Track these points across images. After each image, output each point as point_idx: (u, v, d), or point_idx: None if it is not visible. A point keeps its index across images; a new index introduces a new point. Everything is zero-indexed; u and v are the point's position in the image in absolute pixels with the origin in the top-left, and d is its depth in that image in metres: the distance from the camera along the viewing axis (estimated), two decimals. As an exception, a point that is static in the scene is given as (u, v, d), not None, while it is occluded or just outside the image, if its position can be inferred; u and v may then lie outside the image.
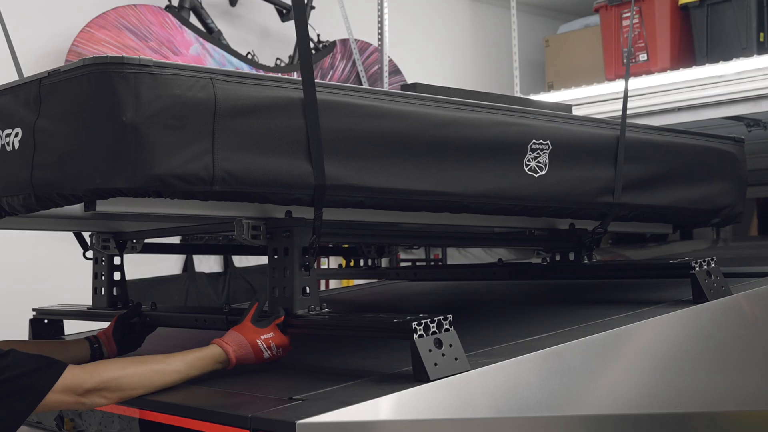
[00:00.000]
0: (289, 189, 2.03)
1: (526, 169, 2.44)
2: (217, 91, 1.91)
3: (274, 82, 2.03)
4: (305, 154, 2.03)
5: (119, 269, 2.95)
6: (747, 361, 2.71)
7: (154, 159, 1.83)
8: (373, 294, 4.00)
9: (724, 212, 3.11)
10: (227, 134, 1.92)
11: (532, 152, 2.45)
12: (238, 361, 2.11)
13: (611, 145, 2.71)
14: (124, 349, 2.58)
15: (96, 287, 2.97)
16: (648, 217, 2.93)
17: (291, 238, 2.19)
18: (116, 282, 2.95)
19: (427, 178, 2.24)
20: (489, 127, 2.37)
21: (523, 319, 2.78)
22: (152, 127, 1.83)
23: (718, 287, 2.63)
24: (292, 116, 2.01)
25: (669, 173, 2.89)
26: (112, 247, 2.87)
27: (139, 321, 2.63)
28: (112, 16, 5.18)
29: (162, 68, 1.87)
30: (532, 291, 3.58)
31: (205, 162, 1.89)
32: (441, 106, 2.31)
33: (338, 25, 6.38)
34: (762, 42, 5.38)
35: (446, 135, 2.28)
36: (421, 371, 1.87)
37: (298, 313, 2.19)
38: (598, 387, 2.25)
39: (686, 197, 2.95)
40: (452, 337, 1.94)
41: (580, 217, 2.75)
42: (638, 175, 2.78)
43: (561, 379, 2.14)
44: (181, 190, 1.88)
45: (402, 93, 2.31)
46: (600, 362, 2.28)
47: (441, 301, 3.62)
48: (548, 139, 2.48)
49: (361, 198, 2.15)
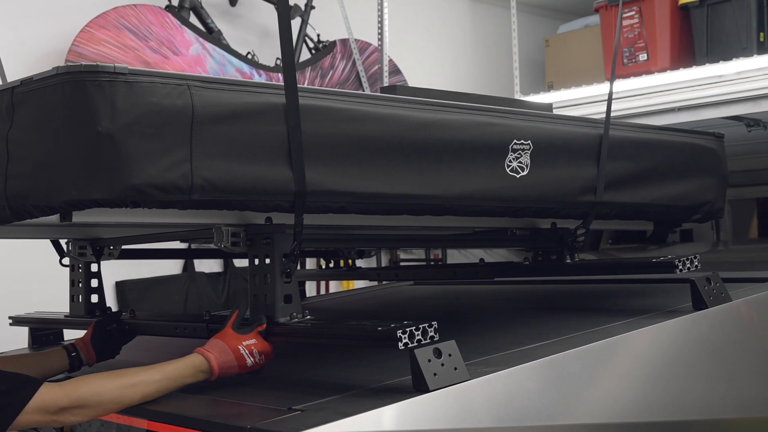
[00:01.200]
0: (269, 196, 2.01)
1: (508, 170, 2.43)
2: (195, 98, 1.88)
3: (253, 87, 2.01)
4: (285, 160, 2.01)
5: (97, 276, 2.89)
6: (747, 367, 2.71)
7: (130, 169, 1.80)
8: (372, 298, 3.99)
9: (705, 208, 3.09)
10: (205, 142, 1.89)
11: (514, 153, 2.43)
12: (220, 369, 2.05)
13: (593, 144, 2.68)
14: (102, 356, 2.54)
15: (73, 295, 2.90)
16: (630, 215, 2.91)
17: (271, 245, 2.16)
18: (94, 289, 2.88)
19: (408, 182, 2.22)
20: (469, 129, 2.35)
21: (522, 325, 2.77)
22: (128, 136, 1.80)
23: (718, 293, 2.62)
24: (271, 122, 1.99)
25: (650, 170, 2.87)
26: (88, 254, 2.79)
27: (117, 328, 2.59)
28: (112, 16, 5.18)
29: (137, 76, 1.83)
30: (531, 297, 3.57)
31: (183, 171, 1.86)
32: (421, 108, 2.29)
33: (338, 25, 6.38)
34: (762, 42, 5.38)
35: (427, 137, 2.26)
36: (421, 381, 1.86)
37: (280, 320, 2.14)
38: (598, 395, 2.24)
39: (667, 194, 2.92)
40: (451, 347, 1.92)
41: (562, 216, 2.74)
42: (620, 174, 2.76)
43: (561, 388, 2.13)
44: (159, 199, 1.86)
45: (381, 96, 2.29)
46: (599, 370, 2.27)
47: (440, 306, 3.61)
48: (529, 139, 2.46)
49: (342, 203, 2.13)
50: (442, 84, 7.01)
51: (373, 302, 3.89)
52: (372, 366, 2.24)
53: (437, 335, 1.89)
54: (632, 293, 3.17)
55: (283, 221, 2.15)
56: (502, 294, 3.67)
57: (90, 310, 2.85)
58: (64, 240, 2.90)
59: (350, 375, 2.21)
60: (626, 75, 5.73)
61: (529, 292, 3.63)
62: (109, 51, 5.10)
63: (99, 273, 2.88)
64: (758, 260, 4.27)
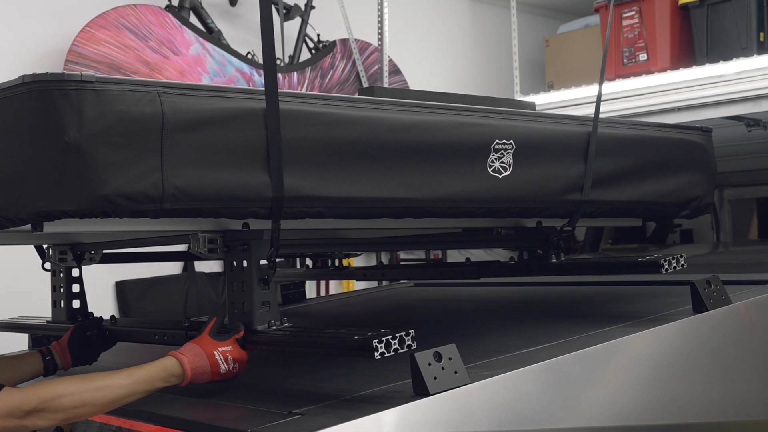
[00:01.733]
0: (244, 203, 1.97)
1: (490, 170, 2.39)
2: (165, 105, 1.84)
3: (226, 93, 1.97)
4: (261, 166, 1.97)
5: (78, 281, 2.83)
6: (747, 370, 2.70)
7: (99, 179, 1.77)
8: (372, 300, 3.98)
9: (693, 204, 3.03)
10: (177, 149, 1.85)
11: (496, 153, 2.39)
12: (193, 374, 2.00)
13: (577, 142, 2.64)
14: (78, 360, 2.50)
15: (55, 300, 2.86)
16: (617, 213, 2.88)
17: (248, 252, 2.12)
18: (75, 294, 2.83)
19: (387, 185, 2.19)
20: (450, 130, 2.32)
21: (522, 328, 2.77)
22: (97, 145, 1.77)
23: (718, 296, 2.62)
24: (246, 127, 1.96)
25: (637, 167, 2.83)
26: (69, 259, 2.75)
27: (97, 333, 2.55)
28: (112, 16, 5.18)
29: (105, 84, 1.80)
30: (531, 299, 3.56)
31: (153, 179, 1.82)
32: (400, 110, 2.25)
33: (338, 25, 6.38)
34: (762, 42, 5.38)
35: (406, 139, 2.23)
36: (421, 385, 1.85)
37: (258, 328, 2.11)
38: (598, 399, 2.24)
39: (655, 190, 2.88)
40: (451, 351, 1.92)
41: (547, 216, 2.71)
42: (606, 171, 2.72)
43: (561, 391, 2.13)
44: (130, 209, 1.82)
45: (359, 98, 2.26)
46: (600, 374, 2.27)
47: (440, 309, 3.60)
48: (511, 138, 2.42)
49: (319, 208, 2.10)
50: (442, 84, 7.01)
51: (372, 305, 3.88)
52: (372, 369, 2.23)
53: (414, 343, 1.86)
54: (632, 295, 3.17)
55: (260, 227, 2.11)
56: (503, 296, 3.67)
57: (72, 315, 2.79)
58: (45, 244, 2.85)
59: (350, 378, 2.20)
60: (626, 75, 5.73)
61: (529, 295, 3.62)
62: (109, 51, 5.10)
63: (80, 278, 2.83)
64: (758, 262, 4.27)
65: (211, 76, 5.56)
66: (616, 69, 6.00)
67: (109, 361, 2.57)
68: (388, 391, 1.97)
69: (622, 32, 5.95)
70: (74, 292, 2.82)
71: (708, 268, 2.73)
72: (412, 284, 4.52)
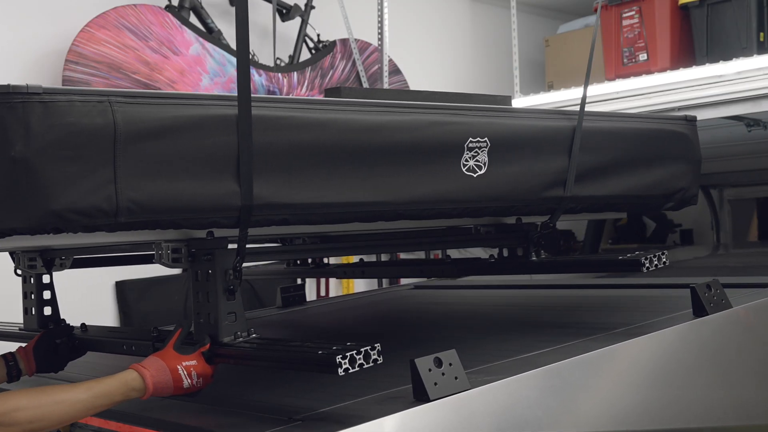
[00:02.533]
0: (206, 213, 1.91)
1: (464, 170, 2.32)
2: (117, 115, 1.77)
3: (183, 100, 1.90)
4: (225, 174, 1.91)
5: (49, 288, 2.74)
6: (748, 374, 2.69)
7: (49, 195, 1.70)
8: (371, 305, 3.97)
9: (678, 195, 2.96)
10: (131, 161, 1.79)
11: (470, 151, 2.32)
12: (155, 388, 1.93)
13: (557, 137, 2.57)
14: (44, 368, 2.45)
15: (26, 307, 2.76)
16: (599, 208, 2.83)
17: (212, 261, 2.05)
18: (46, 301, 2.73)
19: (356, 189, 2.12)
20: (421, 129, 2.25)
21: (522, 332, 2.75)
22: (45, 160, 1.70)
23: (718, 300, 2.61)
24: (209, 135, 1.88)
25: (619, 160, 2.75)
26: (39, 266, 2.65)
27: (67, 342, 2.50)
28: (112, 16, 5.18)
29: (53, 95, 1.72)
30: (531, 302, 3.55)
31: (107, 193, 1.76)
32: (367, 111, 2.18)
33: (338, 25, 6.38)
34: (762, 42, 5.38)
35: (375, 141, 2.16)
36: (421, 391, 1.84)
37: (224, 340, 2.04)
38: (599, 403, 2.23)
39: (638, 183, 2.80)
40: (452, 356, 1.90)
41: (526, 213, 2.65)
42: (588, 166, 2.64)
43: (561, 396, 2.12)
44: (82, 224, 1.76)
45: (324, 100, 2.19)
46: (600, 378, 2.26)
47: (440, 312, 3.60)
48: (486, 136, 2.35)
49: (284, 215, 2.04)
50: (442, 84, 7.02)
51: (371, 308, 3.86)
52: (371, 373, 2.21)
53: (380, 357, 1.80)
54: (632, 299, 3.16)
55: (225, 235, 2.05)
56: (502, 300, 3.67)
57: (43, 322, 2.71)
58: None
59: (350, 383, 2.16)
60: (626, 75, 5.73)
61: (528, 298, 3.62)
62: (109, 51, 5.10)
63: (51, 284, 2.75)
64: (758, 265, 4.27)
65: (211, 76, 5.56)
66: (616, 69, 6.01)
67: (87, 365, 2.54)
68: (388, 397, 1.96)
69: (622, 32, 5.96)
70: (45, 298, 2.73)
71: (708, 270, 2.72)
72: (411, 287, 4.52)
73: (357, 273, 3.66)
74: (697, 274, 4.10)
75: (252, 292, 5.82)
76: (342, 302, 4.19)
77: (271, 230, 2.15)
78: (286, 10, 6.17)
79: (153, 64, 5.28)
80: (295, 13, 6.20)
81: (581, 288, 3.64)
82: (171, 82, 5.36)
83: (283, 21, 6.18)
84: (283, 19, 6.18)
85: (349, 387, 2.12)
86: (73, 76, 4.96)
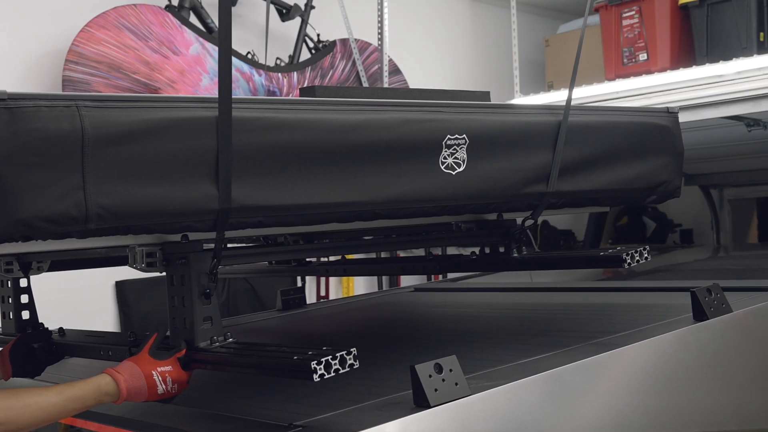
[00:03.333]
0: (182, 217, 1.87)
1: (443, 167, 2.28)
2: (85, 120, 1.73)
3: (156, 102, 1.86)
4: (200, 177, 1.87)
5: (27, 291, 2.68)
6: (749, 379, 2.68)
7: (15, 203, 1.67)
8: (370, 308, 3.94)
9: (660, 189, 2.92)
10: (100, 166, 1.74)
11: (448, 149, 2.29)
12: (129, 393, 1.90)
13: (538, 132, 2.53)
14: (20, 372, 2.42)
15: (4, 312, 2.70)
16: (580, 203, 2.79)
17: (187, 265, 2.01)
18: (24, 305, 2.67)
19: (331, 189, 2.08)
20: (397, 127, 2.20)
21: (522, 336, 2.74)
22: (10, 167, 1.66)
23: (719, 304, 2.60)
24: (181, 138, 1.85)
25: (600, 154, 2.71)
26: (15, 270, 2.60)
27: (43, 346, 2.47)
28: (112, 16, 5.18)
29: (18, 100, 1.68)
30: (530, 305, 3.53)
31: (75, 199, 1.72)
32: (342, 110, 2.14)
33: (338, 25, 6.38)
34: (762, 42, 5.38)
35: (350, 140, 2.12)
36: (422, 397, 1.83)
37: (200, 345, 2.00)
38: (600, 409, 2.22)
39: (620, 177, 2.76)
40: (452, 362, 1.89)
41: (507, 210, 2.62)
42: (570, 160, 2.60)
43: (562, 402, 2.11)
44: (52, 232, 1.72)
45: (297, 100, 2.15)
46: (601, 384, 2.24)
47: (440, 315, 3.58)
48: (464, 132, 2.31)
49: (259, 218, 2.00)
50: (442, 84, 7.02)
51: (371, 312, 3.83)
52: (372, 378, 2.21)
53: (357, 362, 1.78)
54: (632, 303, 3.15)
55: (200, 238, 2.02)
56: (501, 303, 3.65)
57: (21, 327, 2.65)
58: None
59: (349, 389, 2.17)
60: (626, 75, 5.73)
61: (528, 301, 3.60)
62: (108, 51, 5.10)
63: (29, 288, 2.70)
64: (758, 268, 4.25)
65: (211, 75, 5.56)
66: (616, 69, 6.01)
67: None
68: (388, 403, 1.94)
69: (622, 32, 5.96)
70: (23, 302, 2.67)
71: (708, 272, 2.70)
72: (412, 289, 4.52)
73: (339, 271, 3.60)
74: (698, 276, 4.10)
75: (252, 292, 5.83)
76: (342, 305, 4.17)
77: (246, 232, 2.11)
78: (286, 10, 6.17)
79: (153, 64, 5.28)
80: (295, 13, 6.20)
81: (581, 291, 3.63)
82: (171, 82, 5.36)
83: (283, 21, 6.18)
84: (283, 19, 6.18)
85: (349, 393, 2.10)
86: (73, 76, 4.96)
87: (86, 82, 5.00)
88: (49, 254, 2.55)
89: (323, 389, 2.20)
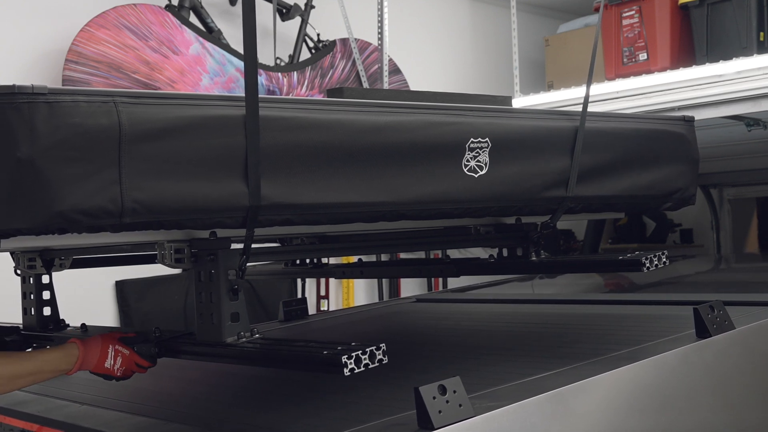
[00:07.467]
0: (212, 213, 1.91)
1: (465, 170, 2.33)
2: (122, 116, 1.77)
3: (189, 100, 1.90)
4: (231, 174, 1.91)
5: (49, 288, 2.73)
6: (752, 396, 2.67)
7: (54, 195, 1.70)
8: (372, 319, 3.92)
9: (676, 196, 2.96)
10: (136, 161, 1.78)
11: (471, 151, 2.33)
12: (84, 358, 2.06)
13: (558, 137, 2.58)
14: None
15: (25, 307, 2.76)
16: (598, 208, 2.84)
17: (216, 261, 2.05)
18: (46, 302, 2.72)
19: (358, 189, 2.12)
20: (423, 130, 2.25)
21: (526, 351, 2.73)
22: (50, 160, 1.70)
23: (722, 321, 2.59)
24: (213, 135, 1.89)
25: (618, 160, 2.76)
26: (38, 266, 2.63)
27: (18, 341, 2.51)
28: (112, 16, 5.18)
29: (58, 95, 1.72)
30: (533, 319, 3.51)
31: (112, 193, 1.76)
32: (369, 111, 2.18)
33: (338, 25, 6.38)
34: (762, 41, 5.38)
35: (377, 141, 2.16)
36: (426, 419, 1.82)
37: (227, 341, 2.03)
38: (602, 428, 2.20)
39: (637, 184, 2.81)
40: (456, 384, 1.89)
41: (527, 213, 2.66)
42: (588, 166, 2.65)
43: (565, 422, 2.10)
44: (87, 225, 1.76)
45: (327, 101, 2.19)
46: (604, 403, 2.23)
47: (443, 328, 3.53)
48: (487, 136, 2.36)
49: (287, 216, 2.04)
50: (442, 84, 7.02)
51: (373, 323, 3.80)
52: (375, 397, 2.19)
53: (386, 358, 1.79)
54: (635, 317, 3.12)
55: (228, 235, 2.05)
56: (504, 315, 3.62)
57: (43, 323, 2.69)
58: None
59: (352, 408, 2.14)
60: (626, 74, 5.73)
61: (532, 314, 3.56)
62: (109, 50, 5.10)
63: (51, 284, 2.74)
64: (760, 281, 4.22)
65: (211, 75, 5.56)
66: (616, 69, 6.01)
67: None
68: (392, 424, 1.93)
69: (622, 32, 5.96)
70: (45, 299, 2.72)
71: (709, 276, 2.68)
72: (413, 300, 4.48)
73: (356, 273, 3.65)
74: (699, 284, 4.07)
75: (252, 292, 5.82)
76: (344, 316, 4.14)
77: (273, 230, 2.14)
78: (286, 10, 6.17)
79: (153, 64, 5.28)
80: (295, 13, 6.20)
81: (585, 303, 3.60)
82: (171, 81, 5.36)
83: (283, 21, 6.18)
84: (283, 19, 6.18)
85: (352, 412, 2.09)
86: (73, 76, 4.96)
87: (86, 81, 5.00)
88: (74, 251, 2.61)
89: (324, 408, 2.19)
